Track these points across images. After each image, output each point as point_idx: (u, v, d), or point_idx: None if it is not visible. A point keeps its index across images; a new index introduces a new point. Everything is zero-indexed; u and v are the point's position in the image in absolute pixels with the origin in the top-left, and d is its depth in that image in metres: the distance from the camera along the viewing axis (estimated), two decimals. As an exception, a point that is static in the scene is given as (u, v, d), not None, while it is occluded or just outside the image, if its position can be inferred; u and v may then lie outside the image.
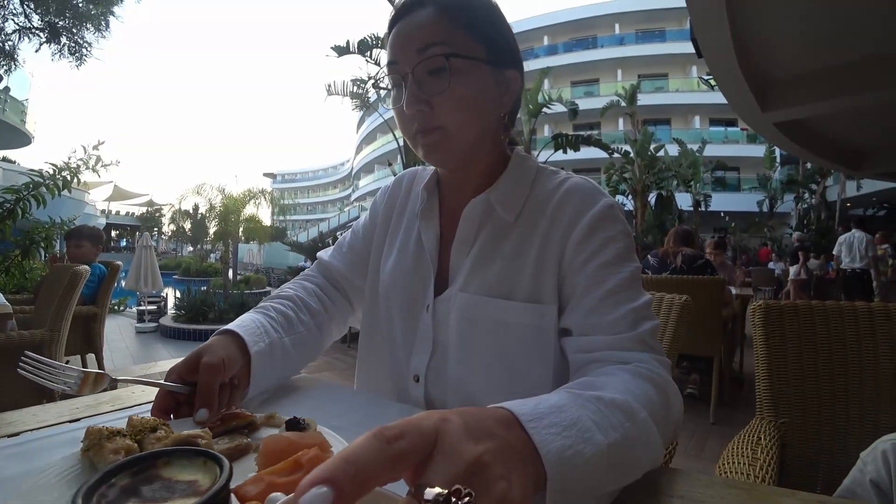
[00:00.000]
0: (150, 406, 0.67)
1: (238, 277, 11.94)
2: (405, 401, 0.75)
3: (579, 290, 0.67)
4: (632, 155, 16.35)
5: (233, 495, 0.37)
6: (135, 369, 4.08)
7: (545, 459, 0.35)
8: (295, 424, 0.52)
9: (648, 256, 3.75)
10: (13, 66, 7.95)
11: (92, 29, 7.84)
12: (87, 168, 4.29)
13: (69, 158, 4.23)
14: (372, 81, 7.60)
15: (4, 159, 15.10)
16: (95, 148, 4.37)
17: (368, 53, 7.01)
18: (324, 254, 0.95)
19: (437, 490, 0.27)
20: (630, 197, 16.99)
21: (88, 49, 7.92)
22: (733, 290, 3.91)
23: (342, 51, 7.07)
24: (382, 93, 7.44)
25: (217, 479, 0.35)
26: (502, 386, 0.70)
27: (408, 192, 0.90)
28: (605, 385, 0.51)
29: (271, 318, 0.77)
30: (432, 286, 0.77)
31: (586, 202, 0.71)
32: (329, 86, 7.93)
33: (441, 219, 0.82)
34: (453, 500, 0.27)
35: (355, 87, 7.82)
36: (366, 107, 8.25)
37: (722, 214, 22.28)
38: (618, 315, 0.63)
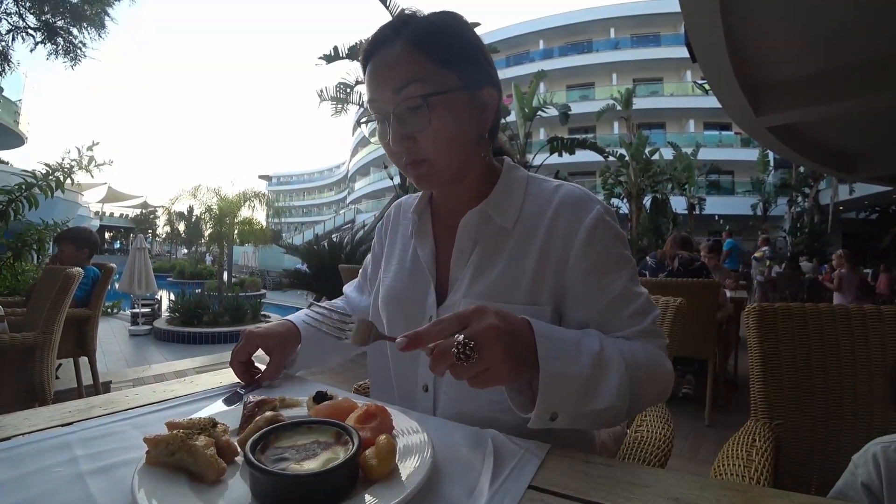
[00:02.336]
0: (144, 409, 0.68)
1: (233, 280, 11.88)
2: (413, 408, 0.76)
3: (589, 296, 0.72)
4: (627, 158, 16.42)
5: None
6: (128, 372, 4.05)
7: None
8: (323, 396, 0.62)
9: (647, 258, 3.80)
10: (7, 68, 7.88)
11: (87, 29, 7.79)
12: (81, 168, 4.24)
13: (62, 159, 4.19)
14: (361, 85, 7.60)
15: (-3, 160, 14.97)
16: (90, 148, 4.33)
17: (360, 58, 7.00)
18: (347, 287, 1.08)
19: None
20: (625, 200, 17.07)
21: (83, 49, 7.87)
22: (728, 294, 3.93)
23: (331, 58, 7.04)
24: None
25: (344, 436, 0.50)
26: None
27: (397, 220, 0.96)
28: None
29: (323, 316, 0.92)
30: (433, 296, 0.80)
31: (582, 210, 0.74)
32: (321, 91, 7.91)
33: (435, 234, 0.85)
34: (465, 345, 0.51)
35: (339, 93, 7.80)
36: (346, 111, 8.23)
37: (716, 218, 22.42)
38: (625, 315, 0.71)
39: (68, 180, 4.14)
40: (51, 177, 4.01)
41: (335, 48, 7.00)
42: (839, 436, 1.04)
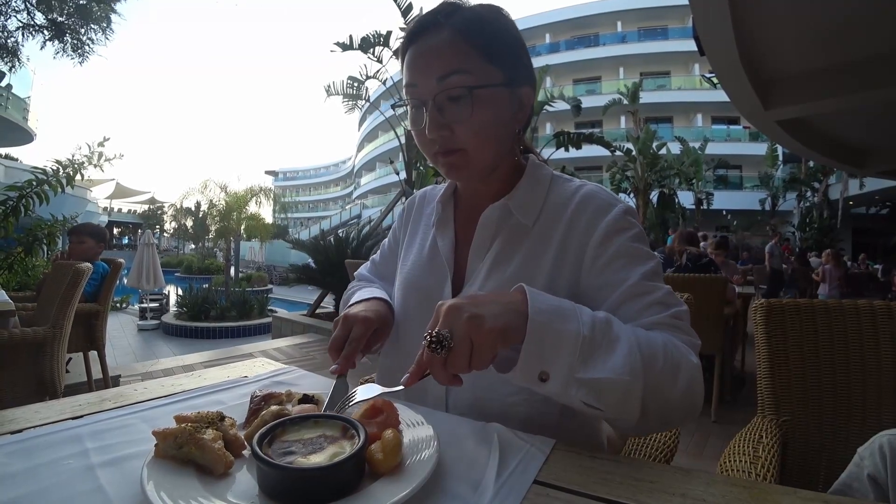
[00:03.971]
0: (152, 402, 0.68)
1: (240, 275, 11.96)
2: (423, 400, 0.76)
3: (604, 290, 0.70)
4: (634, 153, 16.32)
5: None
6: (137, 367, 4.09)
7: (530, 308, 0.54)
8: (309, 399, 0.63)
9: (655, 253, 3.80)
10: (16, 64, 7.95)
11: (94, 27, 7.83)
12: (91, 164, 4.27)
13: (73, 155, 4.23)
14: (371, 80, 7.59)
15: (7, 157, 15.11)
16: (100, 144, 4.36)
17: (371, 51, 7.00)
18: (362, 269, 1.07)
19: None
20: (632, 195, 16.97)
21: (91, 46, 7.91)
22: (736, 289, 3.91)
23: (346, 47, 7.05)
24: (381, 90, 7.44)
25: (351, 430, 0.50)
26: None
27: (421, 208, 0.96)
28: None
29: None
30: (449, 288, 0.80)
31: (602, 209, 0.73)
32: (328, 86, 7.92)
33: (456, 226, 0.86)
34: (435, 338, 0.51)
35: (349, 88, 7.81)
36: (360, 106, 8.24)
37: (724, 213, 22.26)
38: (643, 305, 0.67)
39: (78, 176, 4.17)
40: (61, 173, 4.04)
41: (350, 38, 7.00)
42: (847, 432, 1.03)
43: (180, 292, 8.57)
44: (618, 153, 13.87)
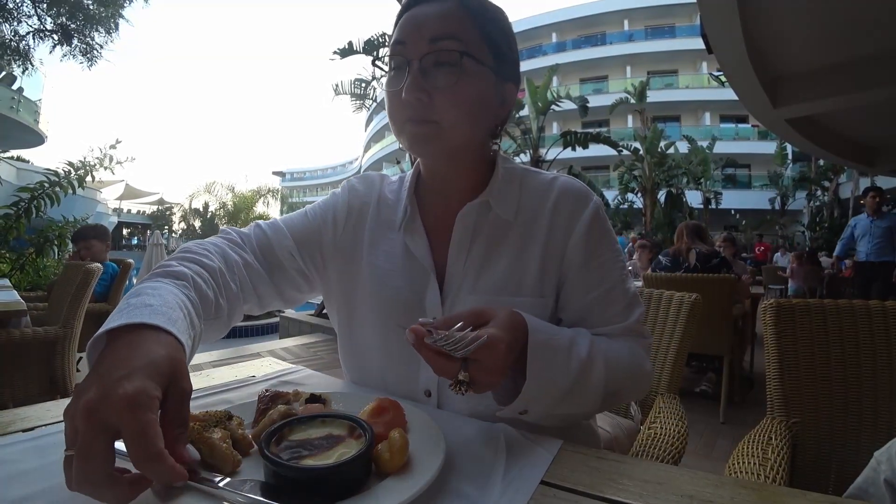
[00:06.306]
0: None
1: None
2: (417, 398, 0.74)
3: (581, 288, 0.74)
4: (641, 152, 16.22)
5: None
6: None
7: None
8: (316, 399, 0.63)
9: (660, 256, 3.60)
10: (28, 68, 8.05)
11: (102, 31, 7.92)
12: (103, 167, 4.32)
13: (84, 158, 4.28)
14: (377, 80, 7.61)
15: (19, 159, 15.31)
16: (112, 147, 4.41)
17: (375, 53, 7.00)
18: (269, 226, 0.81)
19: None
20: (640, 194, 16.88)
21: (99, 50, 8.00)
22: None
23: (346, 52, 7.04)
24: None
25: (358, 430, 0.50)
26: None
27: (377, 199, 0.85)
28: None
29: (194, 303, 0.60)
30: (435, 289, 0.75)
31: (581, 202, 0.76)
32: (336, 85, 7.96)
33: (425, 226, 0.80)
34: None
35: (356, 88, 7.84)
36: (367, 106, 8.26)
37: (733, 212, 22.06)
38: (613, 311, 0.73)
39: (88, 177, 4.22)
40: (73, 175, 4.10)
41: (349, 43, 7.00)
42: (858, 435, 1.02)
43: (189, 292, 8.62)
44: (625, 152, 13.78)
